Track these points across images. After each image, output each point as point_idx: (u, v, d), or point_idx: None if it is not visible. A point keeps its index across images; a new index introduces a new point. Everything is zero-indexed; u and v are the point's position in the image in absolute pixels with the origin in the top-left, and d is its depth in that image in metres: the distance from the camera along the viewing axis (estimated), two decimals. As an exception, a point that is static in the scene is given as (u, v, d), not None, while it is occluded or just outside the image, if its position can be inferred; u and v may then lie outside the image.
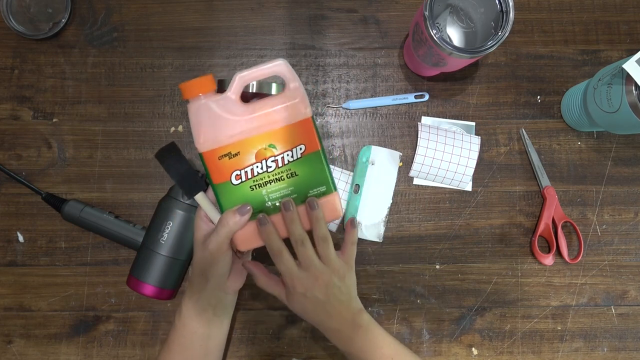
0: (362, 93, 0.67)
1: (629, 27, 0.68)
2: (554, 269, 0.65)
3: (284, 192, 0.49)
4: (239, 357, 0.63)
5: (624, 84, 0.53)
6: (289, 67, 0.48)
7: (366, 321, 0.52)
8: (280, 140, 0.48)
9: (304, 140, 0.49)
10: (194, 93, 0.47)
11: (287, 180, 0.49)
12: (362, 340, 0.50)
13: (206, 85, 0.47)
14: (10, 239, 0.64)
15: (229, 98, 0.47)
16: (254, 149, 0.48)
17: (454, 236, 0.65)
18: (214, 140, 0.48)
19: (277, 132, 0.48)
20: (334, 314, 0.50)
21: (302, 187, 0.50)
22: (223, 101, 0.47)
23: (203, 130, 0.47)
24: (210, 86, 0.48)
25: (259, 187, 0.49)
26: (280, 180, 0.49)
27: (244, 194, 0.49)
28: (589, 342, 0.64)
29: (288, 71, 0.47)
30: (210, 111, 0.47)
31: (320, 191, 0.50)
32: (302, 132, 0.49)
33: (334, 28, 0.68)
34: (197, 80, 0.47)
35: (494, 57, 0.68)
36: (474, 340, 0.64)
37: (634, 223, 0.66)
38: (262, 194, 0.49)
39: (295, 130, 0.48)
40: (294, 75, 0.48)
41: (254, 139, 0.48)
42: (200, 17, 0.67)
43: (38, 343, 0.63)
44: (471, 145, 0.64)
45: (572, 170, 0.66)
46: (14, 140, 0.65)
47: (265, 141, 0.48)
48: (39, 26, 0.66)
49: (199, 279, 0.51)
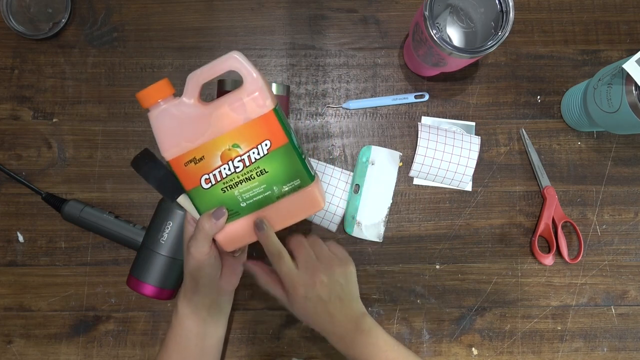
0: (362, 93, 0.67)
1: (629, 27, 0.68)
2: (554, 269, 0.65)
3: (256, 191, 0.48)
4: (239, 357, 0.63)
5: (624, 84, 0.53)
6: (243, 58, 0.45)
7: (369, 325, 0.50)
8: (244, 139, 0.46)
9: (269, 136, 0.46)
10: (152, 100, 0.45)
11: (258, 178, 0.48)
12: (365, 344, 0.49)
13: (163, 91, 0.45)
14: (10, 239, 0.64)
15: (185, 102, 0.45)
16: (218, 151, 0.46)
17: (454, 236, 0.65)
18: (177, 147, 0.46)
19: (239, 131, 0.46)
20: (336, 314, 0.50)
21: (275, 183, 0.48)
22: (181, 105, 0.45)
23: (165, 137, 0.46)
24: (168, 91, 0.46)
25: (230, 188, 0.48)
26: (251, 180, 0.48)
27: (216, 197, 0.48)
28: (589, 342, 0.64)
29: (242, 64, 0.45)
30: (170, 117, 0.46)
31: (294, 185, 0.48)
32: (265, 127, 0.46)
33: (334, 28, 0.68)
34: (154, 87, 0.45)
35: (494, 57, 0.68)
36: (474, 340, 0.64)
37: (634, 223, 0.66)
38: (234, 195, 0.48)
39: (257, 126, 0.46)
40: (249, 68, 0.45)
41: (217, 140, 0.46)
42: (200, 17, 0.67)
43: (38, 343, 0.63)
44: (471, 145, 0.64)
45: (572, 170, 0.66)
46: (14, 140, 0.65)
47: (228, 141, 0.46)
48: (39, 26, 0.66)
49: (190, 281, 0.52)
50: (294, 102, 0.67)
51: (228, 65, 0.45)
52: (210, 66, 0.45)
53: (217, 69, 0.45)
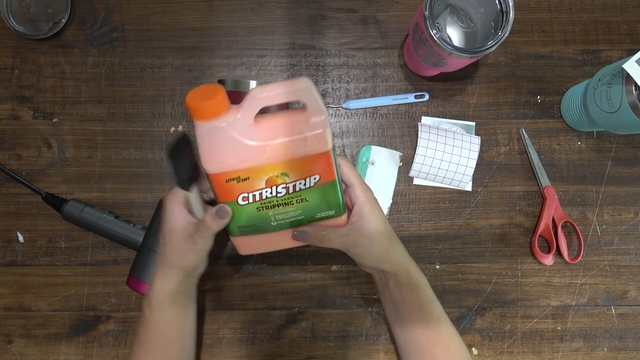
0: (362, 93, 0.67)
1: (629, 27, 0.68)
2: (554, 269, 0.65)
3: (291, 214, 0.48)
4: (239, 357, 0.63)
5: (624, 84, 0.53)
6: (316, 92, 0.41)
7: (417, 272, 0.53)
8: (294, 170, 0.44)
9: (320, 172, 0.45)
10: (208, 117, 0.41)
11: (297, 205, 0.47)
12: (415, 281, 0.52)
13: (222, 108, 0.41)
14: (10, 239, 0.64)
15: (243, 122, 0.42)
16: (265, 176, 0.44)
17: (454, 236, 0.65)
18: (223, 164, 0.43)
19: (292, 162, 0.44)
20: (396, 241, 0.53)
21: (311, 211, 0.48)
22: (237, 125, 0.41)
23: (212, 153, 0.43)
24: (225, 108, 0.41)
25: (265, 209, 0.47)
26: (289, 205, 0.47)
27: (250, 214, 0.47)
28: (589, 342, 0.64)
29: (314, 97, 0.41)
30: (222, 135, 0.42)
31: (328, 215, 0.49)
32: (319, 164, 0.44)
33: (334, 28, 0.68)
34: (214, 103, 0.40)
35: (494, 57, 0.68)
36: (474, 340, 0.64)
37: (634, 223, 0.66)
38: (268, 215, 0.47)
39: (312, 162, 0.44)
40: (320, 103, 0.41)
41: (267, 167, 0.44)
42: (200, 17, 0.67)
43: (38, 343, 0.63)
44: (471, 145, 0.64)
45: (572, 170, 0.66)
46: (14, 140, 0.65)
47: (279, 170, 0.44)
48: (39, 26, 0.66)
49: (177, 271, 0.50)
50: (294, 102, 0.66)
51: (298, 94, 0.41)
52: (278, 89, 0.40)
53: (285, 94, 0.41)
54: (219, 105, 0.41)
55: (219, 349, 0.63)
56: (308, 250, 0.64)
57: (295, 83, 0.40)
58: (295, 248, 0.64)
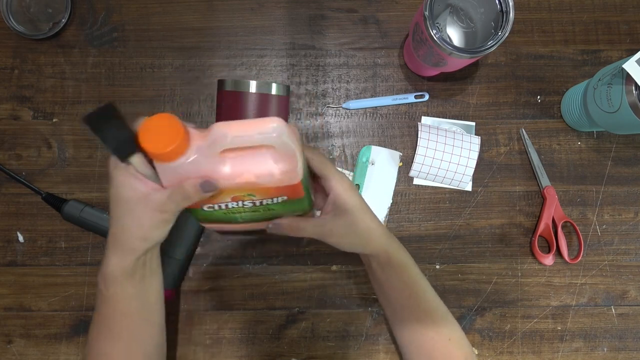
0: (362, 93, 0.67)
1: (629, 27, 0.68)
2: (554, 269, 0.65)
3: (257, 216, 0.48)
4: (239, 357, 0.63)
5: (624, 84, 0.53)
6: (287, 135, 0.38)
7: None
8: (262, 193, 0.43)
9: (288, 194, 0.44)
10: (170, 160, 0.38)
11: (263, 212, 0.47)
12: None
13: (183, 148, 0.38)
14: (10, 239, 0.64)
15: (207, 160, 0.39)
16: (231, 195, 0.43)
17: (454, 236, 0.65)
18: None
19: (260, 189, 0.42)
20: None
21: (277, 215, 0.48)
22: (201, 162, 0.39)
23: (175, 182, 0.41)
24: (187, 145, 0.38)
25: (232, 214, 0.46)
26: (256, 212, 0.46)
27: (215, 215, 0.46)
28: (589, 342, 0.64)
29: (283, 142, 0.38)
30: (186, 170, 0.39)
31: (295, 214, 0.49)
32: (287, 190, 0.43)
33: (334, 28, 0.68)
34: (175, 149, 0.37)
35: (494, 57, 0.68)
36: (474, 340, 0.64)
37: (634, 223, 0.66)
38: (235, 216, 0.47)
39: (280, 189, 0.43)
40: (290, 146, 0.39)
41: (234, 189, 0.42)
42: (200, 17, 0.67)
43: (38, 343, 0.63)
44: (471, 145, 0.64)
45: (572, 170, 0.66)
46: (14, 140, 0.65)
47: (245, 192, 0.42)
48: (39, 26, 0.66)
49: (137, 246, 0.45)
50: (294, 102, 0.67)
51: (266, 140, 0.38)
52: (244, 132, 0.37)
53: (251, 137, 0.37)
54: (180, 148, 0.38)
55: (219, 349, 0.63)
56: (308, 250, 0.64)
57: (264, 128, 0.37)
58: (295, 247, 0.64)
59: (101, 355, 0.48)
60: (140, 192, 0.42)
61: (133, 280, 0.47)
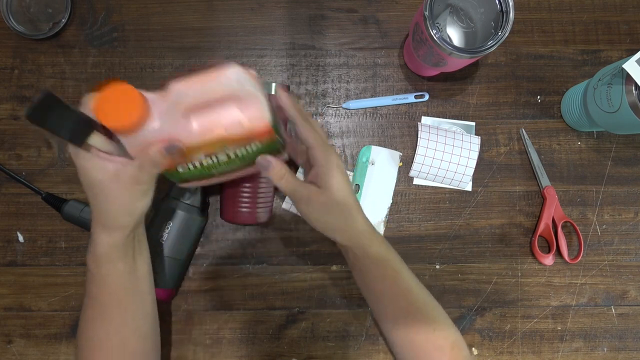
0: (362, 93, 0.67)
1: (629, 27, 0.68)
2: (554, 269, 0.65)
3: (231, 167, 0.47)
4: (239, 357, 0.63)
5: (624, 84, 0.53)
6: (247, 80, 0.38)
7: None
8: (234, 143, 0.43)
9: (261, 139, 0.44)
10: (131, 132, 0.38)
11: (239, 163, 0.46)
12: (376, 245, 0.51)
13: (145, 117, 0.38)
14: (10, 239, 0.64)
15: (172, 123, 0.39)
16: (204, 152, 0.43)
17: (454, 236, 0.65)
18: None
19: (232, 139, 0.42)
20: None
21: (252, 159, 0.47)
22: (166, 127, 0.39)
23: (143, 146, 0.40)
24: (148, 114, 0.38)
25: (208, 170, 0.46)
26: (232, 164, 0.46)
27: (190, 174, 0.46)
28: (589, 342, 0.64)
29: (245, 87, 0.38)
30: (152, 135, 0.39)
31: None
32: (259, 136, 0.43)
33: (334, 28, 0.68)
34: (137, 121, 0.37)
35: (494, 57, 0.68)
36: (474, 340, 0.64)
37: (634, 223, 0.66)
38: (210, 171, 0.47)
39: (252, 136, 0.42)
40: (254, 90, 0.39)
41: (206, 145, 0.42)
42: (200, 17, 0.67)
43: (38, 343, 0.63)
44: (471, 145, 0.64)
45: (572, 170, 0.66)
46: (14, 140, 0.65)
47: (218, 146, 0.42)
48: (39, 26, 0.66)
49: (126, 219, 0.45)
50: (294, 102, 0.66)
51: (224, 88, 0.38)
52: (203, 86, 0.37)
53: (213, 89, 0.38)
54: (142, 118, 0.37)
55: (219, 349, 0.63)
56: (308, 250, 0.64)
57: (222, 77, 0.37)
58: (295, 248, 0.64)
59: (94, 339, 0.48)
60: (110, 171, 0.41)
61: (125, 256, 0.47)
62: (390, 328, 0.53)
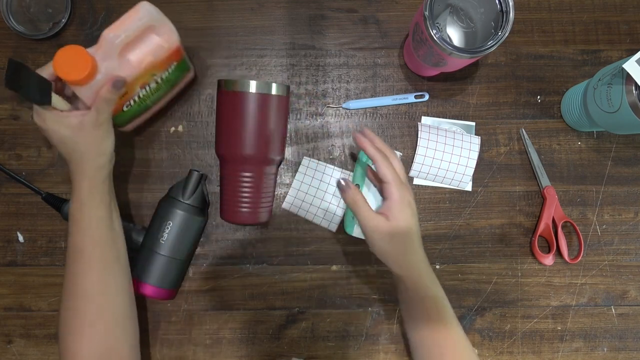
0: (362, 93, 0.67)
1: (629, 27, 0.68)
2: (554, 269, 0.65)
3: (161, 93, 0.59)
4: (239, 357, 0.63)
5: (624, 84, 0.53)
6: (156, 10, 0.52)
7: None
8: (159, 68, 0.55)
9: (176, 58, 0.57)
10: (85, 82, 0.48)
11: (165, 87, 0.59)
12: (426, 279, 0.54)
13: (94, 72, 0.48)
14: (10, 239, 0.64)
15: (112, 65, 0.50)
16: (139, 83, 0.54)
17: (454, 236, 0.65)
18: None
19: (157, 64, 0.54)
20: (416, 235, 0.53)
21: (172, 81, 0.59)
22: (109, 70, 0.49)
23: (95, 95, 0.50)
24: (95, 69, 0.48)
25: (144, 102, 0.58)
26: (160, 89, 0.58)
27: (133, 111, 0.58)
28: (589, 342, 0.64)
29: (157, 18, 0.52)
30: (101, 81, 0.49)
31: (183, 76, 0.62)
32: (173, 55, 0.56)
33: (334, 28, 0.68)
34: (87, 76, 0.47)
35: (494, 57, 0.68)
36: (474, 340, 0.64)
37: (634, 223, 0.66)
38: (146, 102, 0.58)
39: (169, 57, 0.55)
40: (163, 19, 0.53)
41: (142, 76, 0.53)
42: (200, 17, 0.67)
43: (38, 343, 0.63)
44: (471, 145, 0.64)
45: (572, 170, 0.66)
46: (14, 140, 0.65)
47: (149, 74, 0.54)
48: (39, 26, 0.66)
49: (100, 159, 0.52)
50: (294, 102, 0.67)
51: (148, 22, 0.50)
52: (129, 25, 0.50)
53: (137, 25, 0.50)
54: (94, 68, 0.48)
55: (219, 349, 0.63)
56: (308, 250, 0.64)
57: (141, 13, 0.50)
58: (295, 248, 0.64)
59: (78, 289, 0.51)
60: (74, 124, 0.49)
61: (102, 203, 0.52)
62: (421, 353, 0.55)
